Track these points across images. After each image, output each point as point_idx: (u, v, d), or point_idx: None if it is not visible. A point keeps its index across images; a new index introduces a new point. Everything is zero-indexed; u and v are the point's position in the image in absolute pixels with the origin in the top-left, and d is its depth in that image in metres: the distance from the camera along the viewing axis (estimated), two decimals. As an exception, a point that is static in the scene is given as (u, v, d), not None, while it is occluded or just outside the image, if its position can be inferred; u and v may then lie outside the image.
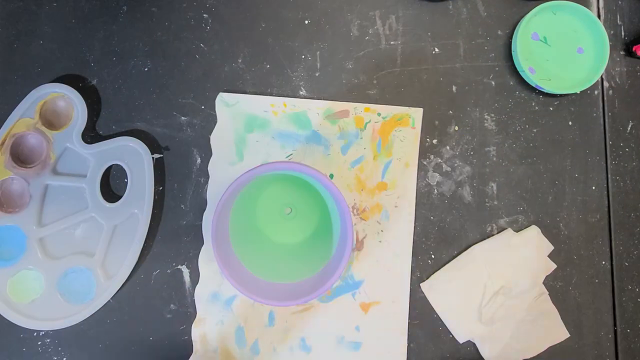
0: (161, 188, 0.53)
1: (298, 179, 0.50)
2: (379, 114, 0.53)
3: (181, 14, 0.54)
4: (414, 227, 0.53)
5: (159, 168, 0.53)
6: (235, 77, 0.54)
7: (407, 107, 0.54)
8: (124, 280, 0.50)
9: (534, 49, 0.55)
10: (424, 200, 0.53)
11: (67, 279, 0.50)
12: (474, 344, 0.52)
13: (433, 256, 0.53)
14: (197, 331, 0.51)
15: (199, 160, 0.53)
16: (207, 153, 0.53)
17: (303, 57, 0.54)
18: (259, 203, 0.51)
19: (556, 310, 0.52)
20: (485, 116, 0.55)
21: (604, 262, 0.54)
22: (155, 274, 0.51)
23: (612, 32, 0.56)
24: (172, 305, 0.51)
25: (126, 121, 0.53)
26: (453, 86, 0.55)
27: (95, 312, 0.50)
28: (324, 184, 0.43)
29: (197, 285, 0.51)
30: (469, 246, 0.53)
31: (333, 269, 0.44)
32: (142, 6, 0.55)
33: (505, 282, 0.52)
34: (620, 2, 0.57)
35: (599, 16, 0.57)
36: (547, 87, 0.53)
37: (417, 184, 0.53)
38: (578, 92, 0.54)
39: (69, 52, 0.54)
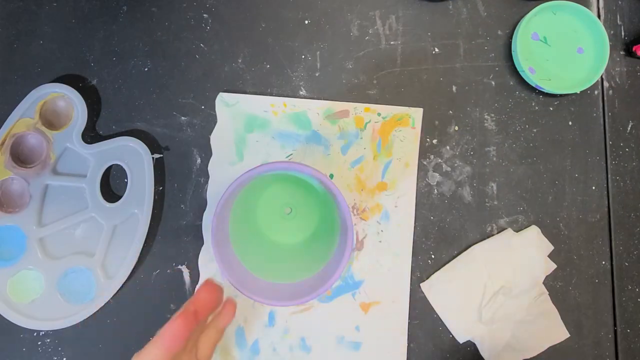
0: (161, 188, 0.53)
1: (298, 179, 0.50)
2: (379, 114, 0.53)
3: (181, 14, 0.54)
4: (414, 227, 0.53)
5: (159, 168, 0.53)
6: (235, 77, 0.54)
7: (407, 107, 0.54)
8: (124, 280, 0.50)
9: (534, 49, 0.55)
10: (424, 200, 0.53)
11: (67, 279, 0.50)
12: (474, 344, 0.52)
13: (433, 256, 0.53)
14: (197, 331, 0.51)
15: (199, 160, 0.53)
16: (207, 153, 0.53)
17: (303, 57, 0.54)
18: (259, 203, 0.51)
19: (556, 310, 0.52)
20: (485, 116, 0.55)
21: (604, 262, 0.54)
22: (155, 274, 0.51)
23: (612, 32, 0.56)
24: (172, 305, 0.51)
25: (126, 121, 0.53)
26: (453, 86, 0.55)
27: (95, 312, 0.50)
28: (324, 184, 0.43)
29: (197, 285, 0.51)
30: (469, 246, 0.53)
31: (333, 269, 0.44)
32: (142, 6, 0.55)
33: (505, 282, 0.52)
34: (620, 2, 0.57)
35: (599, 16, 0.57)
36: (547, 87, 0.53)
37: (417, 184, 0.53)
38: (578, 92, 0.54)
39: (69, 52, 0.54)
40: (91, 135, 0.53)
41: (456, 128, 0.54)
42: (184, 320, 0.37)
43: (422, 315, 0.52)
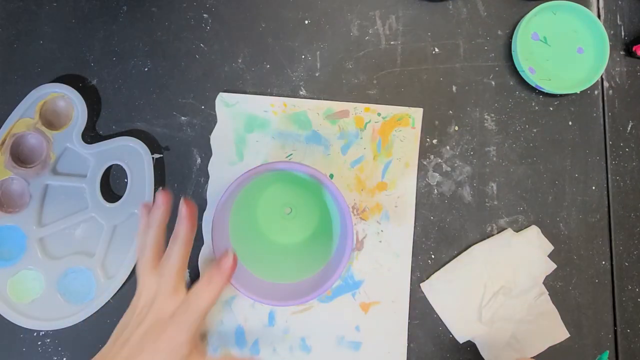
0: (161, 188, 0.52)
1: (298, 179, 0.50)
2: (379, 114, 0.53)
3: (181, 14, 0.55)
4: (414, 227, 0.53)
5: (159, 168, 0.53)
6: (235, 77, 0.54)
7: (407, 107, 0.54)
8: (124, 280, 0.50)
9: (534, 49, 0.55)
10: (424, 200, 0.53)
11: (67, 279, 0.50)
12: (474, 344, 0.52)
13: (433, 256, 0.53)
14: (197, 331, 0.51)
15: (199, 160, 0.53)
16: (207, 153, 0.53)
17: (303, 57, 0.54)
18: (259, 203, 0.51)
19: (556, 310, 0.52)
20: (485, 116, 0.55)
21: (604, 262, 0.54)
22: (155, 274, 0.51)
23: (612, 32, 0.56)
24: (172, 305, 0.51)
25: (126, 121, 0.53)
26: (453, 86, 0.55)
27: (95, 312, 0.50)
28: (324, 184, 0.43)
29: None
30: (469, 246, 0.53)
31: (333, 269, 0.44)
32: (142, 6, 0.55)
33: (505, 282, 0.52)
34: (620, 2, 0.57)
35: (599, 16, 0.57)
36: (547, 87, 0.53)
37: (417, 184, 0.53)
38: (578, 92, 0.55)
39: (69, 52, 0.54)
40: (91, 135, 0.53)
41: (456, 128, 0.54)
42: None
43: (422, 315, 0.52)
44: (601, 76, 0.55)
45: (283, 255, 0.50)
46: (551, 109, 0.55)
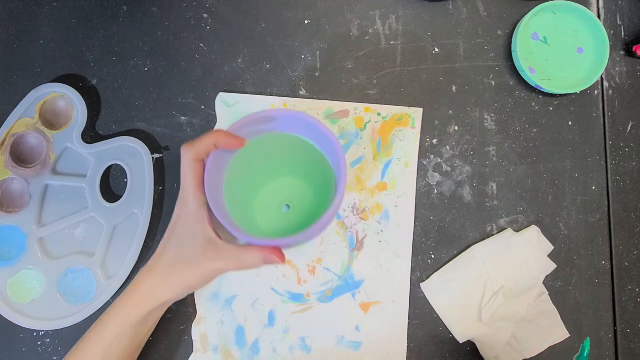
0: (161, 188, 0.53)
1: (295, 173, 0.49)
2: (379, 114, 0.53)
3: (181, 14, 0.55)
4: (414, 227, 0.53)
5: (159, 168, 0.53)
6: (235, 77, 0.54)
7: (407, 107, 0.54)
8: (124, 280, 0.50)
9: (534, 49, 0.55)
10: (424, 200, 0.53)
11: (67, 279, 0.50)
12: (474, 344, 0.52)
13: (433, 256, 0.53)
14: (198, 330, 0.51)
15: (199, 160, 0.53)
16: (207, 153, 0.53)
17: (303, 57, 0.54)
18: (256, 201, 0.51)
19: (556, 310, 0.52)
20: (485, 116, 0.55)
21: (604, 262, 0.54)
22: (155, 274, 0.51)
23: (612, 32, 0.56)
24: (172, 305, 0.51)
25: (126, 121, 0.53)
26: (453, 86, 0.55)
27: (95, 312, 0.50)
28: (305, 121, 0.42)
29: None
30: (469, 246, 0.53)
31: (329, 216, 0.41)
32: (142, 6, 0.55)
33: (505, 282, 0.52)
34: (620, 2, 0.57)
35: (599, 16, 0.57)
36: (547, 87, 0.53)
37: (417, 184, 0.53)
38: (578, 92, 0.55)
39: (69, 52, 0.54)
40: (91, 135, 0.53)
41: (456, 128, 0.54)
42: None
43: (422, 315, 0.52)
44: (601, 76, 0.55)
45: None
46: (551, 109, 0.55)
